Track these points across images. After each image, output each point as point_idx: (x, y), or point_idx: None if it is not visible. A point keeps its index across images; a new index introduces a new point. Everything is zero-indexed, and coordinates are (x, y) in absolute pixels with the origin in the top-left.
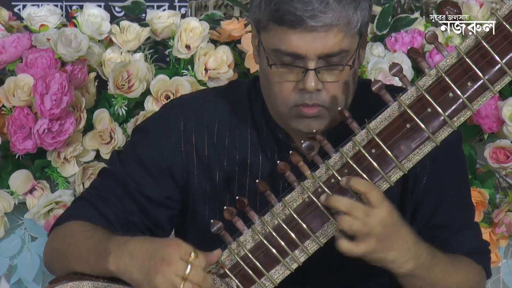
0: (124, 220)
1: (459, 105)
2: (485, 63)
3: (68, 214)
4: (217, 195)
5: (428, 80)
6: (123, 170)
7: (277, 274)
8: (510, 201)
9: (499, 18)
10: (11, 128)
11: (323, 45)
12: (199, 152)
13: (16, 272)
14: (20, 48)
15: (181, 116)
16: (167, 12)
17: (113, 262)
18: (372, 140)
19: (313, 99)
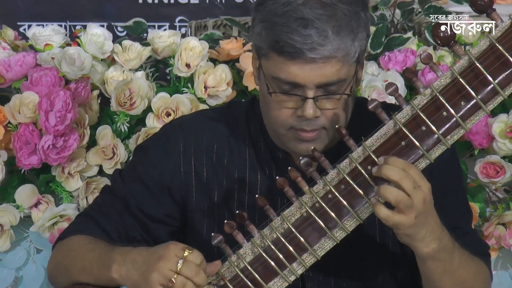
0: (124, 236)
1: (453, 123)
2: (478, 83)
3: (71, 229)
4: (215, 212)
5: (423, 99)
6: (125, 188)
7: (276, 286)
8: (499, 215)
9: (492, 40)
10: (16, 144)
11: (321, 75)
12: (198, 173)
13: (22, 284)
14: (25, 66)
15: (181, 138)
16: (167, 32)
17: (116, 270)
18: (368, 157)
19: (311, 125)
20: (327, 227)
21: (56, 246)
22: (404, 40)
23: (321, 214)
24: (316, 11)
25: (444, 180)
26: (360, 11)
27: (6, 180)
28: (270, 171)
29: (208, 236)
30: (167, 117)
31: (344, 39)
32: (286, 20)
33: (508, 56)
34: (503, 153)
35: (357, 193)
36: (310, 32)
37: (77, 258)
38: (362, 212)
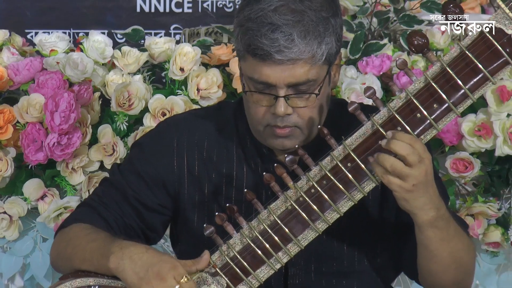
0: (122, 223)
1: (426, 125)
2: (450, 88)
3: (72, 217)
4: (205, 205)
5: (398, 102)
6: (123, 180)
7: (263, 273)
8: (468, 207)
9: (462, 48)
10: (24, 141)
11: (290, 76)
12: (190, 168)
13: (29, 270)
14: (32, 70)
15: (175, 135)
16: (163, 39)
17: (114, 261)
18: (348, 155)
19: (284, 122)
20: (310, 219)
21: (58, 233)
22: (381, 46)
23: (305, 207)
24: (284, 17)
25: None
26: (329, 17)
27: (15, 175)
28: (256, 166)
29: (198, 226)
30: (163, 117)
31: (310, 43)
32: (257, 25)
33: (477, 63)
34: (472, 150)
35: (337, 188)
36: (277, 36)
37: (79, 249)
38: (342, 206)
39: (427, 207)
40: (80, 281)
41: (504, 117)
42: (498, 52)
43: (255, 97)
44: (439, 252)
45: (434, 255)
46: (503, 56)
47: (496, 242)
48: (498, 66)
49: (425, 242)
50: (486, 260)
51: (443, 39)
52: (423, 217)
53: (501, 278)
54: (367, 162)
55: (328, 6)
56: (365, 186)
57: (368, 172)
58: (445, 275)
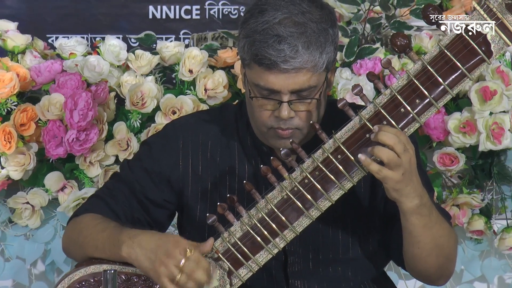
0: (130, 216)
1: (409, 118)
2: (430, 84)
3: (84, 208)
4: (208, 197)
5: (384, 98)
6: (131, 175)
7: (261, 258)
8: (454, 198)
9: (442, 47)
10: (45, 137)
11: (294, 83)
12: (194, 167)
13: (50, 255)
14: (53, 72)
15: (181, 136)
16: (173, 43)
17: (125, 250)
18: (338, 148)
19: (287, 124)
20: (304, 207)
21: (70, 222)
22: (373, 50)
23: (299, 197)
24: (289, 29)
25: None
26: (328, 28)
27: (37, 168)
28: (256, 162)
29: (201, 218)
30: (173, 114)
31: (313, 53)
32: (263, 36)
33: (455, 61)
34: (457, 145)
35: (329, 178)
36: (283, 47)
37: (90, 238)
38: (334, 194)
39: (412, 195)
40: (94, 267)
41: (487, 115)
42: (475, 50)
43: (260, 102)
44: (422, 238)
45: (417, 241)
46: (479, 54)
47: (480, 230)
48: (474, 64)
49: (410, 228)
50: (470, 247)
51: (430, 43)
52: (408, 205)
53: (484, 263)
54: (355, 154)
55: (326, 17)
56: (354, 176)
57: (357, 163)
58: (428, 260)
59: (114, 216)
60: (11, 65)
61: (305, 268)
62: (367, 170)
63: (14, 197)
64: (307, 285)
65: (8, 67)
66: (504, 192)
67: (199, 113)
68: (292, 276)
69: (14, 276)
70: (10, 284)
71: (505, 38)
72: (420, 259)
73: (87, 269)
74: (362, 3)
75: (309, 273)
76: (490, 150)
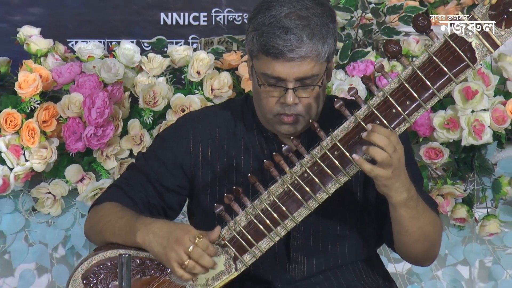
0: (146, 202)
1: (400, 119)
2: (420, 87)
3: (104, 197)
4: (216, 188)
5: (377, 99)
6: (147, 165)
7: (264, 245)
8: (439, 188)
9: (430, 54)
10: (66, 133)
11: (299, 71)
12: (204, 154)
13: (70, 241)
14: (73, 73)
15: (191, 127)
16: (183, 47)
17: (140, 237)
18: (335, 145)
19: (291, 110)
20: (303, 199)
21: (91, 210)
22: (365, 54)
23: (299, 189)
24: (294, 22)
25: None
26: (329, 22)
27: (58, 161)
28: (261, 148)
29: (210, 206)
30: (182, 112)
31: (316, 43)
32: (271, 28)
33: (443, 66)
34: (442, 140)
35: (326, 173)
36: (289, 37)
37: (109, 224)
38: (331, 188)
39: (400, 190)
40: (111, 252)
41: (469, 113)
42: (460, 57)
43: (267, 89)
44: (410, 227)
45: (405, 230)
46: (464, 60)
47: (462, 218)
48: (460, 69)
49: (399, 219)
50: (454, 233)
51: (417, 47)
52: (397, 198)
53: (466, 248)
54: (351, 151)
55: (327, 13)
56: (350, 171)
57: (352, 159)
58: (415, 246)
59: (132, 203)
60: (35, 67)
61: (306, 244)
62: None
63: (37, 187)
64: (307, 259)
65: (32, 68)
66: (484, 183)
67: (207, 107)
68: (294, 250)
69: (37, 259)
70: (33, 267)
71: (488, 45)
72: (409, 245)
73: (104, 253)
74: (355, 11)
75: (310, 248)
76: (471, 145)
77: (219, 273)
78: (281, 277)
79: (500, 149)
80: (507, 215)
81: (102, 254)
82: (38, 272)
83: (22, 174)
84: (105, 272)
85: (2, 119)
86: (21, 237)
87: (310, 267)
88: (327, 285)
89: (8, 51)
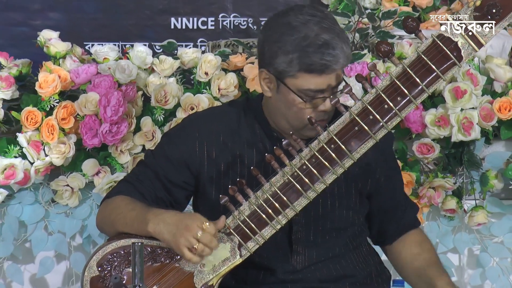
0: (154, 196)
1: (392, 114)
2: (410, 84)
3: (115, 191)
4: (221, 180)
5: (370, 96)
6: (155, 162)
7: (267, 233)
8: (430, 181)
9: (419, 53)
10: (83, 129)
11: (335, 79)
12: (209, 152)
13: (86, 230)
14: (89, 74)
15: (197, 127)
16: (192, 49)
17: (151, 226)
18: (331, 139)
19: (327, 115)
20: (303, 189)
21: (103, 203)
22: (362, 56)
23: (299, 180)
24: (328, 35)
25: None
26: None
27: (75, 156)
28: (264, 146)
29: (215, 198)
30: (191, 110)
31: (348, 50)
32: (314, 48)
33: (431, 64)
34: (433, 137)
35: (324, 165)
36: (334, 51)
37: (121, 216)
38: (328, 179)
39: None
40: (124, 241)
41: (458, 111)
42: (447, 55)
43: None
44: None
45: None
46: (451, 58)
47: (452, 209)
48: (447, 67)
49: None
50: (444, 223)
51: (410, 50)
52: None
53: (456, 237)
54: (346, 144)
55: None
56: (345, 163)
57: (348, 152)
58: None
59: (141, 197)
60: (54, 68)
61: (307, 236)
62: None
63: (56, 180)
64: (307, 250)
65: (51, 70)
66: (473, 176)
67: (211, 108)
68: (295, 242)
69: (56, 247)
70: (52, 254)
71: (473, 44)
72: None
73: (118, 242)
74: (352, 16)
75: (310, 241)
76: (461, 141)
77: (224, 259)
78: (283, 266)
79: (488, 145)
80: (494, 206)
81: (116, 243)
82: (57, 259)
83: (42, 168)
84: (118, 260)
85: (24, 116)
86: (41, 227)
87: (310, 257)
88: (326, 272)
89: (29, 53)
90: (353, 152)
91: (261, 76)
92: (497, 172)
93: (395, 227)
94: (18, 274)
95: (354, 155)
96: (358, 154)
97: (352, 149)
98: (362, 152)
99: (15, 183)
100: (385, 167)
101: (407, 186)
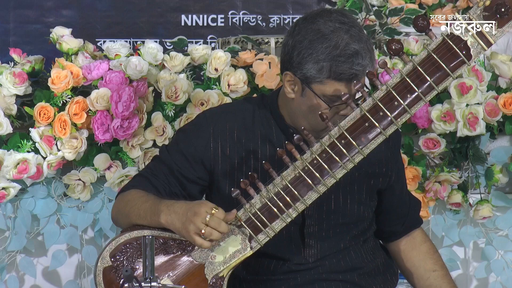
0: (168, 191)
1: (401, 110)
2: (419, 82)
3: (130, 184)
4: (234, 175)
5: (380, 93)
6: (170, 157)
7: (277, 225)
8: (436, 175)
9: (429, 51)
10: (95, 125)
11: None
12: (223, 148)
13: (98, 224)
14: (101, 70)
15: (211, 123)
16: (202, 46)
17: (164, 217)
18: (342, 134)
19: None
20: (313, 183)
21: (118, 196)
22: None
23: (309, 174)
24: (358, 45)
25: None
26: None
27: (87, 150)
28: (280, 142)
29: (228, 192)
30: (201, 106)
31: (374, 59)
32: (345, 57)
33: (441, 62)
34: (439, 132)
35: (334, 159)
36: (364, 61)
37: (135, 208)
38: (338, 173)
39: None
40: (137, 232)
41: (463, 106)
42: (457, 54)
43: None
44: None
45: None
46: (460, 57)
47: (458, 203)
48: (456, 65)
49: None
50: (450, 217)
51: (416, 47)
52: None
53: (461, 230)
54: (356, 139)
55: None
56: (355, 158)
57: (358, 147)
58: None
59: (155, 191)
60: (66, 64)
61: (319, 230)
62: (366, 153)
63: (68, 174)
64: (319, 243)
65: (64, 66)
66: (478, 170)
67: (226, 104)
68: (308, 236)
69: (68, 240)
70: (64, 247)
71: (482, 43)
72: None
73: (131, 233)
74: (360, 13)
75: (321, 235)
76: (466, 136)
77: (235, 251)
78: (296, 258)
79: (493, 140)
80: (499, 200)
81: (129, 234)
82: (69, 252)
83: (55, 163)
84: (131, 251)
85: (36, 112)
86: (53, 220)
87: (322, 250)
88: (335, 263)
89: (42, 49)
90: (363, 147)
91: (286, 78)
92: (502, 166)
93: (401, 224)
94: (31, 267)
95: (364, 150)
96: (368, 149)
97: (361, 144)
98: (371, 148)
99: (28, 178)
100: (395, 165)
101: (413, 181)
